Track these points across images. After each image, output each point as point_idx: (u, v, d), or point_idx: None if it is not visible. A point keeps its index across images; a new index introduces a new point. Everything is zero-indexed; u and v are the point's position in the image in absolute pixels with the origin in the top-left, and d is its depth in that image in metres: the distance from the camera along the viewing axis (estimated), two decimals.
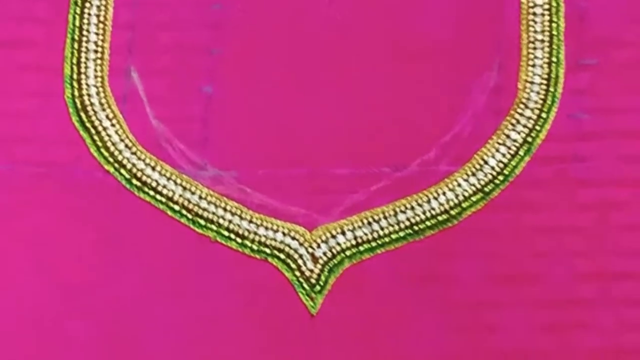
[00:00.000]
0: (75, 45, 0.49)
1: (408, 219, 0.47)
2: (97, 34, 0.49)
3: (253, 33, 0.49)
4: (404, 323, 0.46)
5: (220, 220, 0.47)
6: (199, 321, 0.46)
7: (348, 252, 0.47)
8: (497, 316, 0.46)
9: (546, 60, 0.49)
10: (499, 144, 0.48)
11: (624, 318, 0.46)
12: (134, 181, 0.48)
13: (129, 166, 0.48)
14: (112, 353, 0.46)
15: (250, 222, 0.47)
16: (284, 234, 0.47)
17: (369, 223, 0.47)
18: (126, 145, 0.48)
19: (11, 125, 0.48)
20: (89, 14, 0.49)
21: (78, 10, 0.49)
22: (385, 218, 0.47)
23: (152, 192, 0.47)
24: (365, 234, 0.47)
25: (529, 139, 0.48)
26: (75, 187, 0.47)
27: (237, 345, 0.46)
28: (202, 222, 0.47)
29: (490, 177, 0.48)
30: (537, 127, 0.48)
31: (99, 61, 0.49)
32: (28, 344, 0.46)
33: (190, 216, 0.47)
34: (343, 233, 0.47)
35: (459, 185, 0.48)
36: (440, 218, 0.47)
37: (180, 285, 0.46)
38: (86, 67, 0.49)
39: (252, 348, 0.46)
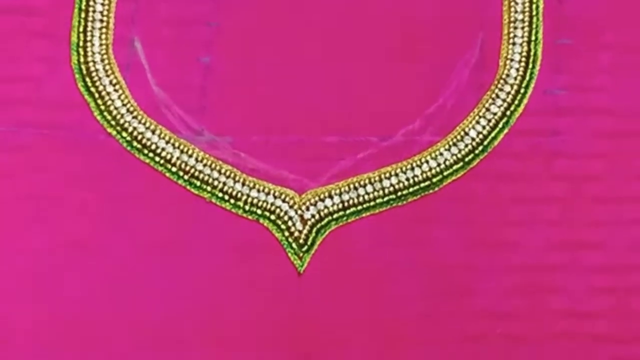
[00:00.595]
0: (82, 15, 0.52)
1: (392, 185, 0.50)
2: (102, 4, 0.52)
3: (249, 7, 0.52)
4: (385, 283, 0.48)
5: (215, 183, 0.50)
6: (194, 277, 0.48)
7: (335, 215, 0.49)
8: (473, 279, 0.49)
9: (526, 39, 0.51)
10: (480, 116, 0.50)
11: (593, 284, 0.49)
12: (135, 144, 0.50)
13: (130, 129, 0.50)
14: (110, 307, 0.48)
15: (244, 184, 0.50)
16: (275, 196, 0.50)
17: (355, 188, 0.50)
18: (128, 110, 0.50)
19: (19, 89, 0.50)
20: None
21: None
22: (371, 184, 0.50)
23: (151, 155, 0.50)
24: (352, 198, 0.50)
25: (508, 113, 0.50)
26: (79, 148, 0.49)
27: (228, 299, 0.48)
28: (198, 183, 0.50)
29: (470, 147, 0.50)
30: (516, 102, 0.50)
31: (104, 30, 0.52)
32: (28, 299, 0.48)
33: (187, 178, 0.50)
34: (330, 197, 0.50)
35: (441, 154, 0.50)
36: (422, 185, 0.50)
37: (177, 243, 0.48)
38: (92, 36, 0.51)
39: (243, 303, 0.48)
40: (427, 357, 0.48)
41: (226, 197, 0.49)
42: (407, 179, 0.50)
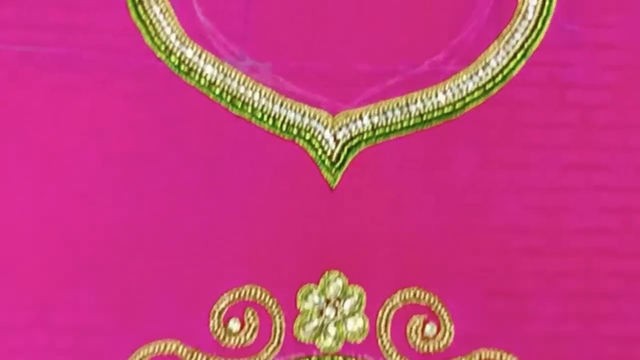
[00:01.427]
0: None
1: (418, 110, 0.54)
2: None
3: None
4: (409, 199, 0.53)
5: (255, 104, 0.54)
6: (235, 191, 0.52)
7: (365, 136, 0.54)
8: (491, 197, 0.53)
9: None
10: (500, 48, 0.55)
11: (604, 203, 0.53)
12: (182, 67, 0.54)
13: (177, 54, 0.54)
14: (159, 214, 0.52)
15: (281, 106, 0.54)
16: (310, 117, 0.54)
17: (384, 112, 0.54)
18: (176, 36, 0.54)
19: (75, 16, 0.53)
20: None
21: None
22: (399, 108, 0.54)
23: (197, 77, 0.54)
24: (380, 121, 0.54)
25: (525, 46, 0.55)
26: (131, 71, 0.53)
27: (266, 211, 0.52)
28: (240, 104, 0.53)
29: (490, 76, 0.54)
30: (533, 36, 0.55)
31: None
32: (88, 200, 0.52)
33: (229, 99, 0.53)
34: (361, 119, 0.54)
35: (463, 82, 0.54)
36: (445, 110, 0.54)
37: (219, 159, 0.52)
38: None
39: (279, 214, 0.52)
40: (446, 267, 0.52)
41: (265, 118, 0.53)
42: (432, 105, 0.54)
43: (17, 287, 0.51)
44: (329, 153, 0.53)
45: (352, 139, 0.53)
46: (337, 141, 0.53)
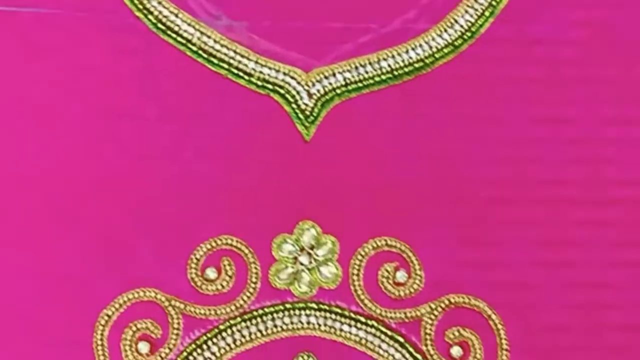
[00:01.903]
0: None
1: (389, 66, 0.55)
2: None
3: None
4: (382, 151, 0.54)
5: (231, 61, 0.55)
6: (212, 143, 0.54)
7: (338, 91, 0.55)
8: (462, 148, 0.54)
9: None
10: (468, 6, 0.56)
11: (568, 155, 0.55)
12: (159, 26, 0.55)
13: (155, 13, 0.56)
14: (137, 167, 0.54)
15: (257, 63, 0.55)
16: (284, 73, 0.55)
17: (356, 68, 0.55)
18: None
19: None
20: None
21: None
22: (370, 64, 0.55)
23: (174, 35, 0.55)
24: (353, 77, 0.55)
25: (494, 3, 0.56)
26: (110, 29, 0.55)
27: (243, 163, 0.54)
28: (216, 61, 0.55)
29: (459, 33, 0.56)
30: None
31: None
32: (67, 160, 0.54)
33: (205, 56, 0.55)
34: (334, 75, 0.55)
35: (433, 39, 0.56)
36: (416, 65, 0.56)
37: (197, 114, 0.54)
38: None
39: (255, 166, 0.54)
40: (417, 217, 0.54)
41: (241, 74, 0.55)
42: (403, 60, 0.55)
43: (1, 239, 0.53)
44: (303, 107, 0.55)
45: (325, 94, 0.55)
46: (310, 96, 0.55)
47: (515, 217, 0.54)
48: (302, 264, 0.53)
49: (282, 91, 0.55)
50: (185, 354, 0.53)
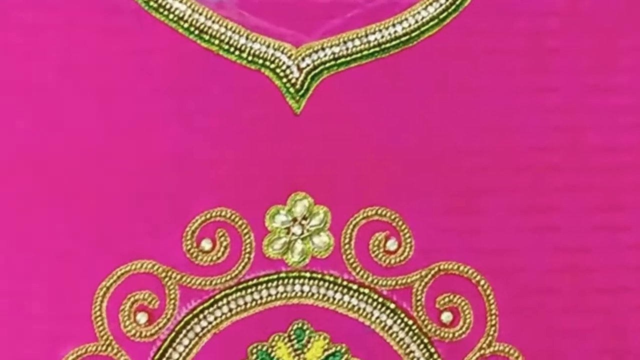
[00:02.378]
0: None
1: (376, 40, 0.57)
2: None
3: None
4: (371, 122, 0.55)
5: (222, 37, 0.56)
6: (203, 118, 0.55)
7: (327, 65, 0.56)
8: (448, 118, 0.55)
9: None
10: None
11: (551, 123, 0.56)
12: (151, 3, 0.56)
13: None
14: (129, 142, 0.55)
15: (247, 38, 0.56)
16: (274, 48, 0.56)
17: (345, 42, 0.56)
18: None
19: None
20: None
21: None
22: (358, 38, 0.57)
23: (165, 12, 0.56)
24: (341, 51, 0.56)
25: None
26: (102, 7, 0.56)
27: (234, 136, 0.55)
28: (207, 37, 0.56)
29: (444, 7, 0.57)
30: None
31: None
32: (60, 129, 0.55)
33: (197, 33, 0.56)
34: (323, 49, 0.56)
35: (419, 13, 0.57)
36: (402, 39, 0.57)
37: (189, 89, 0.55)
38: None
39: (247, 139, 0.55)
40: (406, 186, 0.55)
41: (232, 50, 0.56)
42: (390, 34, 0.57)
43: None
44: (293, 81, 0.56)
45: (315, 68, 0.56)
46: (300, 70, 0.56)
47: (500, 185, 0.55)
48: (294, 234, 0.55)
49: (272, 66, 0.56)
50: (182, 323, 0.54)
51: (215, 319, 0.54)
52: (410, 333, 0.54)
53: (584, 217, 0.55)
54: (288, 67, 0.56)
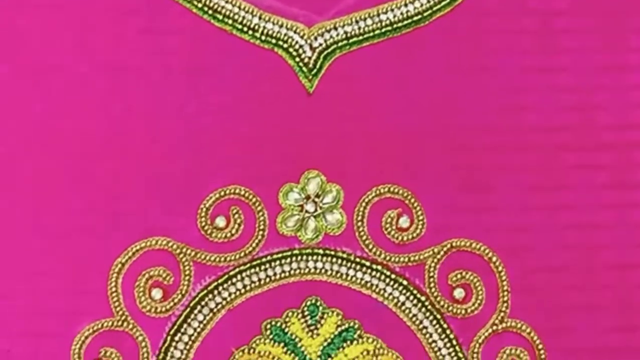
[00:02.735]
0: None
1: (388, 19, 0.57)
2: None
3: None
4: (383, 100, 0.56)
5: (236, 17, 0.57)
6: (218, 98, 0.55)
7: (339, 44, 0.57)
8: (458, 99, 0.56)
9: None
10: None
11: (562, 102, 0.57)
12: None
13: None
14: (142, 122, 0.55)
15: (260, 18, 0.57)
16: (287, 28, 0.57)
17: (357, 21, 0.57)
18: None
19: None
20: None
21: None
22: (370, 17, 0.57)
23: None
24: (353, 30, 0.57)
25: None
26: None
27: (248, 115, 0.55)
28: (220, 17, 0.56)
29: None
30: None
31: None
32: (65, 114, 0.55)
33: (210, 12, 0.57)
34: (335, 29, 0.57)
35: None
36: (414, 18, 0.57)
37: (203, 69, 0.56)
38: None
39: (260, 118, 0.55)
40: (418, 164, 0.56)
41: (245, 29, 0.57)
42: (402, 14, 0.57)
43: (9, 193, 0.55)
44: (305, 60, 0.56)
45: (327, 47, 0.57)
46: (313, 49, 0.57)
47: (512, 163, 0.56)
48: (308, 211, 0.55)
49: (285, 45, 0.57)
50: (197, 299, 0.54)
51: (230, 295, 0.55)
52: (423, 309, 0.55)
53: (595, 195, 0.56)
54: (301, 46, 0.57)
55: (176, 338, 0.54)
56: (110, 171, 0.55)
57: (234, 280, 0.55)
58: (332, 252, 0.55)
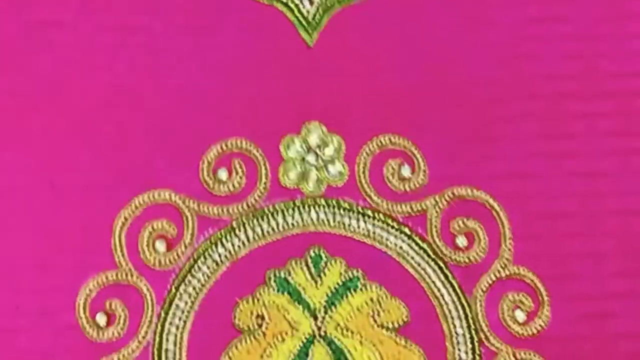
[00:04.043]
0: None
1: None
2: None
3: None
4: (382, 54, 0.56)
5: None
6: (220, 53, 0.56)
7: None
8: (459, 52, 0.56)
9: None
10: None
11: (564, 51, 0.57)
12: None
13: None
14: (148, 78, 0.56)
15: None
16: None
17: None
18: None
19: None
20: None
21: None
22: None
23: None
24: None
25: None
26: None
27: (250, 70, 0.56)
28: None
29: None
30: None
31: None
32: (71, 71, 0.56)
33: None
34: None
35: None
36: None
37: (205, 26, 0.56)
38: None
39: (261, 73, 0.56)
40: (419, 115, 0.56)
41: None
42: None
43: (14, 147, 0.55)
44: (305, 15, 0.57)
45: (326, 1, 0.57)
46: (312, 4, 0.57)
47: (514, 112, 0.56)
48: (309, 163, 0.56)
49: (285, 0, 0.57)
50: (200, 251, 0.55)
51: (233, 246, 0.55)
52: (426, 257, 0.55)
53: (598, 142, 0.56)
54: (301, 1, 0.57)
55: (181, 290, 0.54)
56: (113, 126, 0.56)
57: (237, 231, 0.55)
58: (335, 203, 0.55)
